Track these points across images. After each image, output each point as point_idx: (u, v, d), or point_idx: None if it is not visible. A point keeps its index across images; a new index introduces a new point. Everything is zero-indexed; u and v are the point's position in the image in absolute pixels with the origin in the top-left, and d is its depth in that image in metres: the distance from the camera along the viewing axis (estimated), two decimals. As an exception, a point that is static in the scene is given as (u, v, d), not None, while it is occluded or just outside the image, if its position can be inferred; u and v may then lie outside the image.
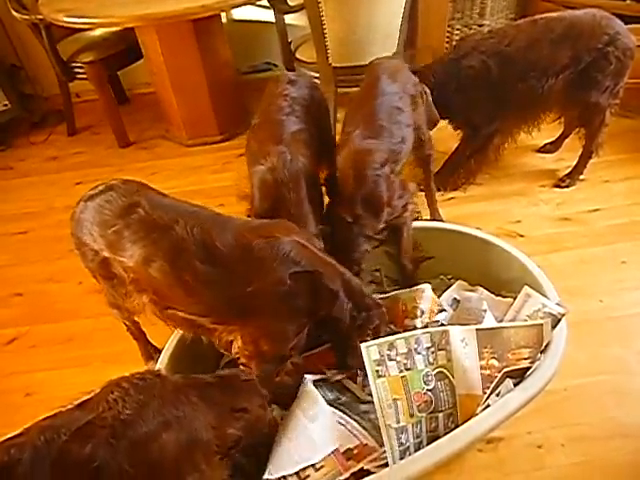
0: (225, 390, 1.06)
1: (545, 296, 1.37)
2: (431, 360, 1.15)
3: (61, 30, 2.70)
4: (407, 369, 1.13)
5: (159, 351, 1.49)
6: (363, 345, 1.13)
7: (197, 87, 2.70)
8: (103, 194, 1.30)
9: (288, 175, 1.45)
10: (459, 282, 1.62)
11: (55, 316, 1.97)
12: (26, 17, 2.67)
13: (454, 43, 2.70)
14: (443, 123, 2.19)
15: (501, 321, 1.42)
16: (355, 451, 1.17)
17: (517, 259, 1.53)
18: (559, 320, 1.27)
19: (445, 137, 2.40)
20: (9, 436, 0.84)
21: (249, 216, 1.60)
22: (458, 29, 2.80)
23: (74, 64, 2.80)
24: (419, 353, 1.14)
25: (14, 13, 2.70)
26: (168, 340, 1.44)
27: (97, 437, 0.84)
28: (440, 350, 1.16)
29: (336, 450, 1.17)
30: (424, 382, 1.13)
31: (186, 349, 1.42)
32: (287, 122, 1.58)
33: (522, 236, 2.07)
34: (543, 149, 2.51)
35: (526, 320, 1.31)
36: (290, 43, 2.63)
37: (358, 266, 1.52)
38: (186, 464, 0.92)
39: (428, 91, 1.88)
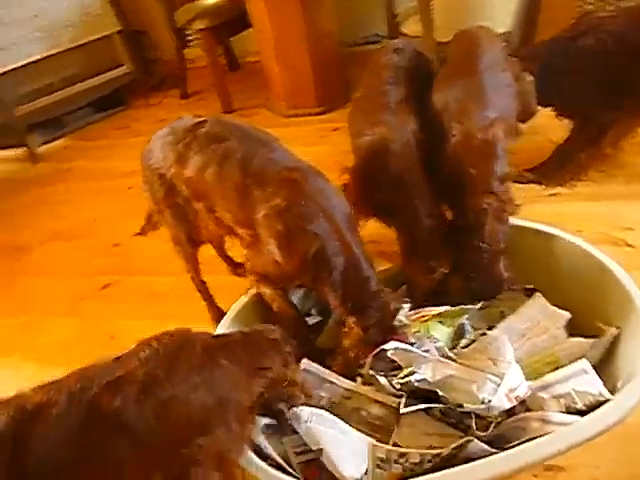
0: (249, 349, 1.07)
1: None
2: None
3: (179, -2, 2.84)
4: (412, 473, 1.06)
5: (224, 314, 1.54)
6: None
7: (299, 58, 2.70)
8: (173, 123, 1.48)
9: (399, 145, 1.41)
10: (539, 298, 1.43)
11: (143, 269, 2.13)
12: (148, -16, 2.83)
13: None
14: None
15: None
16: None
17: (611, 273, 1.33)
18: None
19: (556, 125, 2.17)
20: (54, 379, 0.91)
21: (344, 190, 1.56)
22: (591, 3, 2.48)
23: (188, 31, 2.93)
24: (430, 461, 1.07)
25: (138, -20, 2.88)
26: (232, 305, 1.48)
27: (126, 392, 0.88)
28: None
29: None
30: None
31: (248, 315, 1.44)
32: (392, 92, 1.54)
33: (630, 246, 1.81)
34: (677, 147, 2.17)
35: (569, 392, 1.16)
36: (396, 16, 2.51)
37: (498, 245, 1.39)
38: (216, 420, 0.94)
39: (528, 77, 1.69)
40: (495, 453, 1.05)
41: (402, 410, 1.15)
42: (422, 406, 1.16)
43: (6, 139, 3.07)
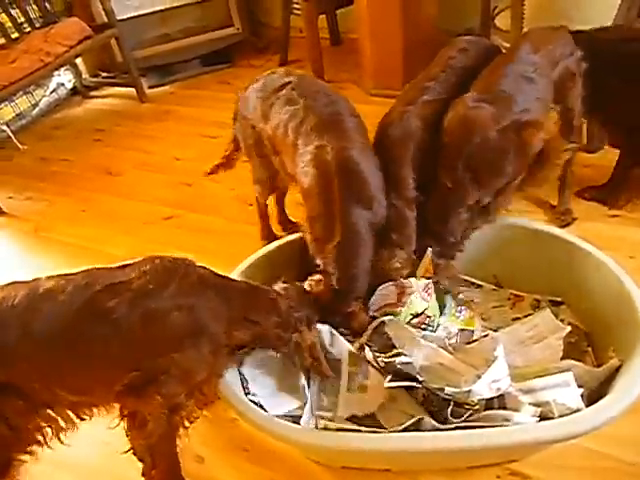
0: (247, 299, 1.17)
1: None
2: None
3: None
4: None
5: (276, 237, 1.85)
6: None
7: (392, 40, 2.73)
8: (267, 76, 1.64)
9: (399, 133, 1.49)
10: (546, 310, 1.42)
11: (203, 209, 2.34)
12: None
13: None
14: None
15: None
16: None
17: (634, 304, 1.23)
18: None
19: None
20: (69, 271, 1.10)
21: None
22: None
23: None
24: None
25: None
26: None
27: (123, 296, 1.03)
28: None
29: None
30: None
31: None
32: (431, 90, 1.58)
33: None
34: None
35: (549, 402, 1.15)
36: (494, 9, 2.45)
37: (454, 237, 1.46)
38: (188, 341, 1.07)
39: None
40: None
41: (386, 384, 1.20)
42: (405, 383, 1.20)
43: (121, 78, 3.44)
